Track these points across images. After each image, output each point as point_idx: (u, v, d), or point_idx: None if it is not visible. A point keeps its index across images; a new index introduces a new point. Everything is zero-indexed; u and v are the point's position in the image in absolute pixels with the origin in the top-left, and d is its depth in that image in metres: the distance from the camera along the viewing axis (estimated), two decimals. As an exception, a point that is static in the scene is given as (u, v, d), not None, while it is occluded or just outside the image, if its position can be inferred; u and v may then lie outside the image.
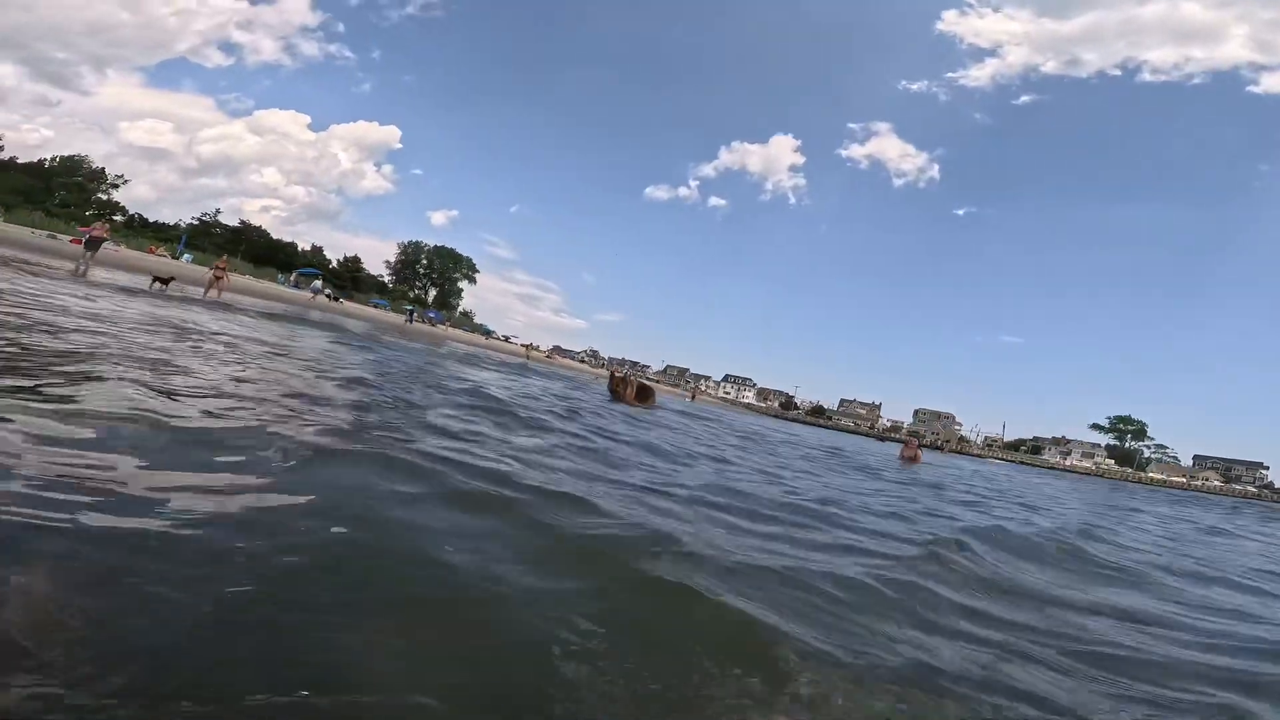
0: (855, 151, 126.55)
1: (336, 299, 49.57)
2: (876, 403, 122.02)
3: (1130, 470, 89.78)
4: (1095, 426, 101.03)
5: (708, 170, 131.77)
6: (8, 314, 5.72)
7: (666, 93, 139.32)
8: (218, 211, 70.72)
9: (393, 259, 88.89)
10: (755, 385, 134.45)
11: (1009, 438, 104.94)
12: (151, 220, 64.21)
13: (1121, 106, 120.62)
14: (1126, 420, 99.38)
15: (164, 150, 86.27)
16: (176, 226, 63.95)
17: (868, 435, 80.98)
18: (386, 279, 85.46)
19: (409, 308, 61.02)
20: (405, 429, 4.50)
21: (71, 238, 31.21)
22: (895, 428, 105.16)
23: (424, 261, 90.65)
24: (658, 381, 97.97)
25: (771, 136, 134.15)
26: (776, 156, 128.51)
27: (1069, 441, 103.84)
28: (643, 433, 8.98)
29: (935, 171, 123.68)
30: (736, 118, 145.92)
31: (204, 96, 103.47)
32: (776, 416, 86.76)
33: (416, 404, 6.17)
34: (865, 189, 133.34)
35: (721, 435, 13.38)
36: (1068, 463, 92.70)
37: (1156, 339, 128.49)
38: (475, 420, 5.95)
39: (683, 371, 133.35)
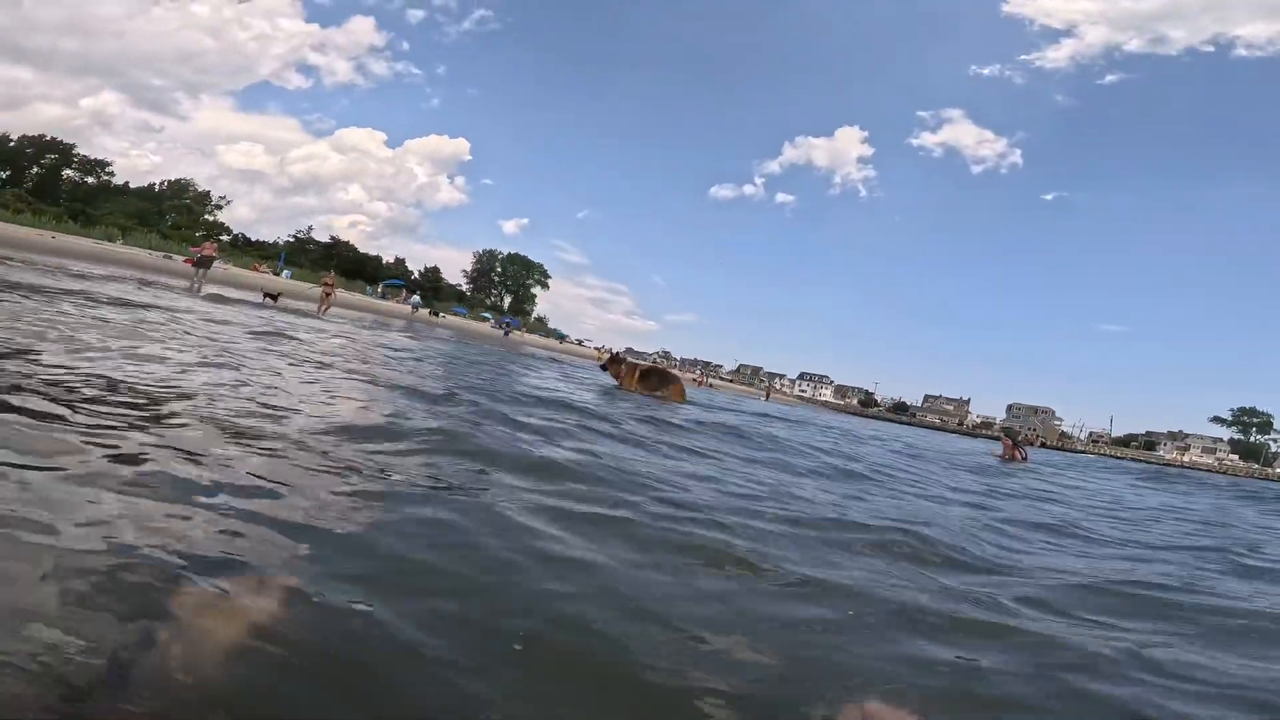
0: (927, 140, 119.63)
1: (436, 314, 50.79)
2: (964, 398, 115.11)
3: (1256, 466, 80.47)
4: (1216, 419, 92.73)
5: (773, 166, 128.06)
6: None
7: (727, 91, 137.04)
8: (310, 228, 75.33)
9: (469, 268, 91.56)
10: (832, 382, 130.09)
11: (1117, 433, 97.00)
12: (253, 239, 68.61)
13: (1218, 83, 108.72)
14: (1251, 412, 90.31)
15: (259, 172, 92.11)
16: (275, 244, 68.05)
17: (955, 432, 76.05)
18: (464, 288, 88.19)
19: (506, 320, 61.94)
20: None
21: (184, 258, 33.14)
22: (986, 424, 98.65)
23: (498, 269, 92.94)
24: (731, 381, 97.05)
25: (837, 129, 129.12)
26: (843, 149, 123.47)
27: (1186, 436, 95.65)
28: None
29: (1017, 156, 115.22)
30: (799, 112, 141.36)
31: (289, 118, 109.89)
32: (855, 414, 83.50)
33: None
34: (941, 177, 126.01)
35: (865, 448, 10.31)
36: (1186, 459, 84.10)
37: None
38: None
39: (756, 370, 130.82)
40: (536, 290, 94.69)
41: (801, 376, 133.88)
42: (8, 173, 58.69)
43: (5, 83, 78.10)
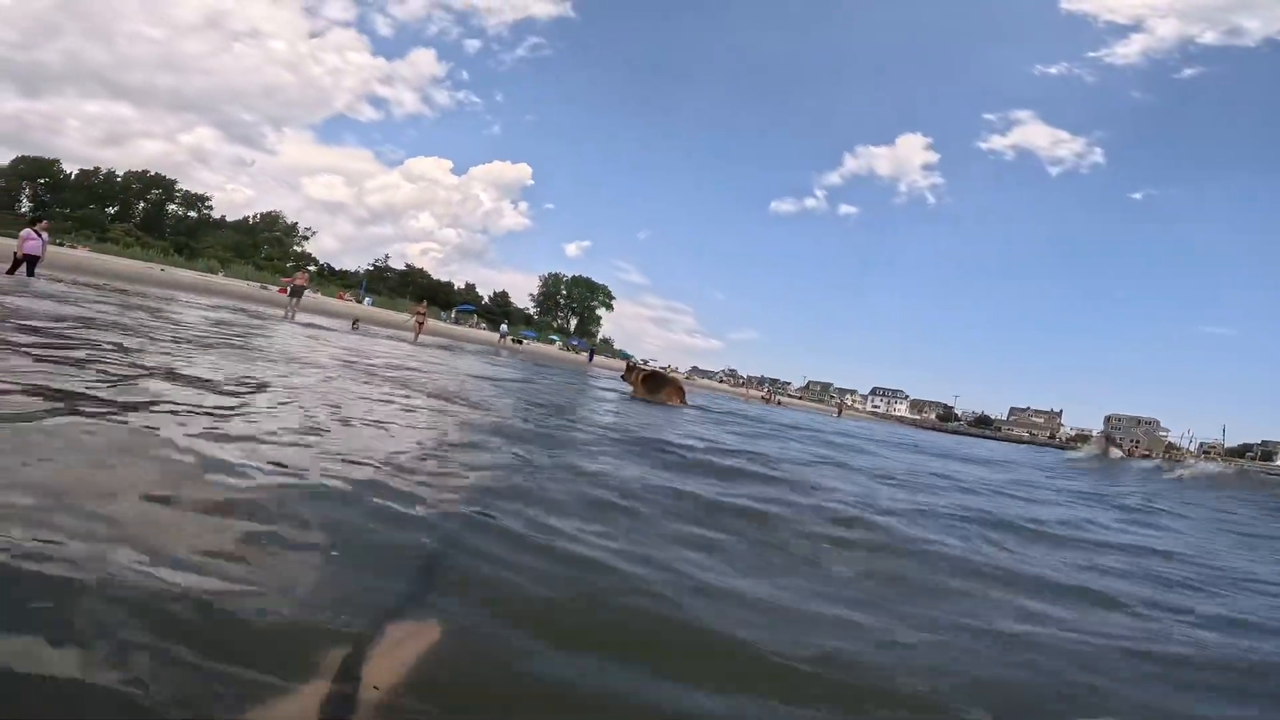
0: (997, 143, 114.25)
1: (519, 341, 51.65)
2: (1055, 410, 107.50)
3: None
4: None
5: (833, 178, 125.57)
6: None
7: (784, 104, 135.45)
8: (386, 257, 78.73)
9: (535, 291, 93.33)
10: (907, 397, 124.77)
11: (1230, 443, 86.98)
12: (337, 268, 72.31)
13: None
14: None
15: (340, 203, 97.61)
16: (356, 273, 71.43)
17: (1047, 445, 70.48)
18: (532, 311, 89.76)
19: (573, 341, 62.25)
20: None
21: (279, 287, 35.01)
22: (1081, 436, 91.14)
23: (563, 292, 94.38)
24: (799, 398, 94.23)
25: (898, 137, 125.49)
26: (906, 157, 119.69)
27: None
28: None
29: (1098, 155, 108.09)
30: (858, 122, 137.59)
31: (364, 149, 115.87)
32: (933, 429, 79.49)
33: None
34: (1015, 181, 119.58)
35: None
36: (1311, 467, 74.53)
37: None
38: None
39: (825, 386, 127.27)
40: (601, 312, 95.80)
41: (874, 392, 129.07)
42: (116, 208, 63.66)
43: (109, 120, 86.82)
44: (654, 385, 12.91)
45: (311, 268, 63.70)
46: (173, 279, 28.18)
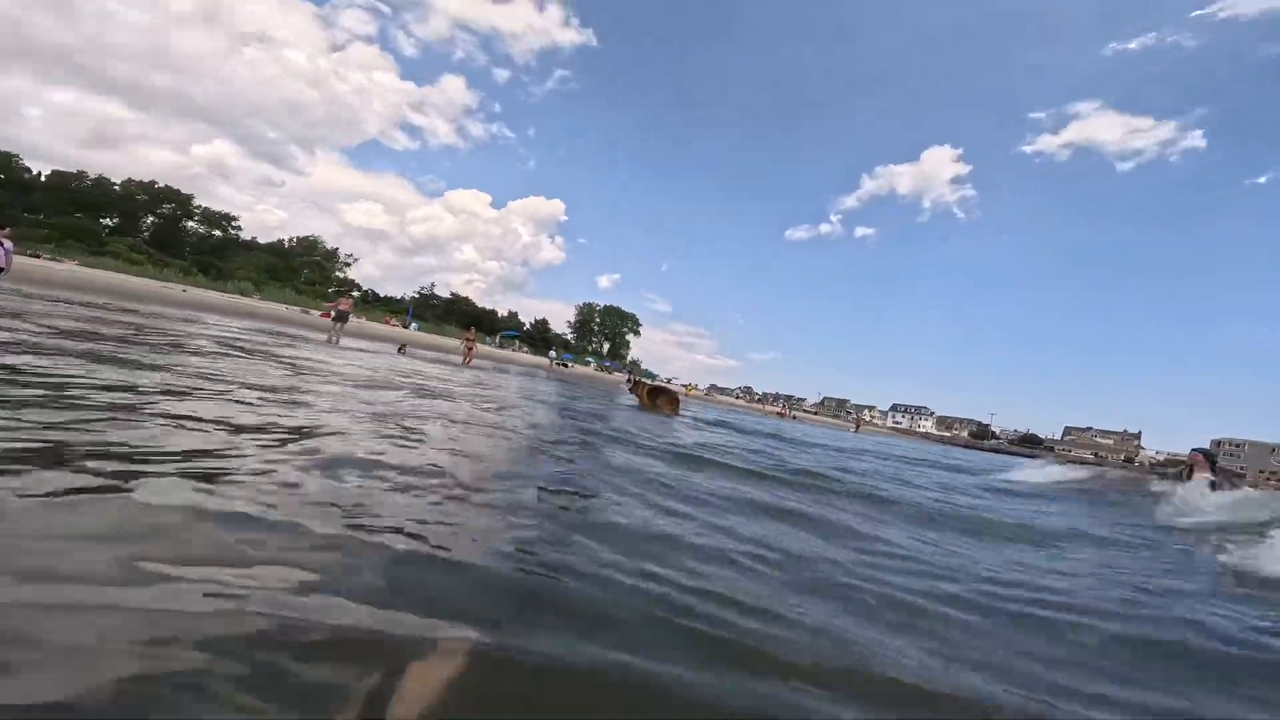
0: (1046, 144, 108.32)
1: (566, 365, 49.47)
2: (1130, 430, 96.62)
3: None
4: None
5: (849, 202, 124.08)
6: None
7: (800, 130, 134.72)
8: (432, 285, 78.94)
9: (572, 319, 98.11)
10: (933, 413, 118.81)
11: None
12: (380, 295, 70.64)
13: None
14: None
15: (382, 231, 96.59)
16: (401, 299, 69.61)
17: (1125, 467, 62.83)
18: (569, 336, 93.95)
19: (606, 363, 60.96)
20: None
21: (320, 312, 32.51)
22: (1172, 461, 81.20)
23: (597, 320, 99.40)
24: (814, 413, 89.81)
25: (923, 152, 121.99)
26: (932, 172, 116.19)
27: None
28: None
29: (1196, 139, 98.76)
30: (878, 141, 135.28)
31: (401, 178, 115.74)
32: (967, 446, 73.88)
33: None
34: (1067, 184, 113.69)
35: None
36: None
37: None
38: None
39: (842, 403, 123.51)
40: (630, 338, 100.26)
41: (895, 408, 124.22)
42: (116, 220, 56.10)
43: (96, 117, 78.87)
44: (655, 396, 14.55)
45: (355, 294, 62.10)
46: (198, 300, 24.97)
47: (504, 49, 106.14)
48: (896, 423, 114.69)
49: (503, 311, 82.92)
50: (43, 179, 55.34)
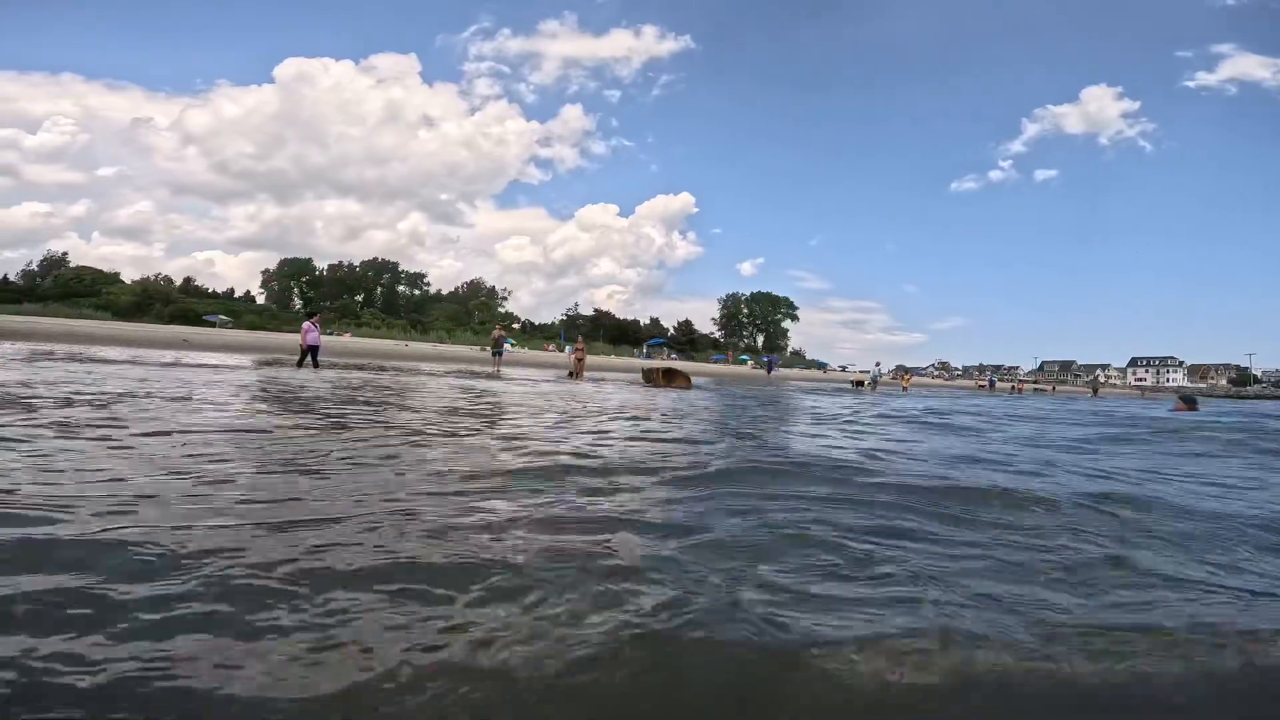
0: (1206, 80, 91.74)
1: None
2: None
3: None
4: None
5: (1016, 146, 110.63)
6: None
7: (939, 84, 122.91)
8: (575, 305, 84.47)
9: (716, 315, 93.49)
10: (1182, 363, 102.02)
11: None
12: (536, 323, 79.11)
13: None
14: None
15: (531, 262, 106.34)
16: (552, 324, 77.38)
17: None
18: (716, 334, 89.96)
19: (765, 358, 62.00)
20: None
21: (482, 347, 38.80)
22: None
23: (744, 310, 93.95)
24: (1035, 381, 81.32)
25: (1080, 91, 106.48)
26: (1097, 111, 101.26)
27: None
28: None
29: None
30: (1027, 87, 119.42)
31: (538, 207, 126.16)
32: (1231, 397, 64.51)
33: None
34: (1250, 115, 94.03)
35: None
36: None
37: None
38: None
39: (1067, 365, 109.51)
40: (787, 324, 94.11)
41: (1134, 363, 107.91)
42: (361, 295, 75.97)
43: (344, 216, 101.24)
44: (670, 377, 16.71)
45: (515, 325, 70.41)
46: (416, 352, 32.51)
47: (611, 73, 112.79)
48: (1139, 380, 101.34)
49: (644, 320, 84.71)
50: (322, 273, 76.99)
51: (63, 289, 53.84)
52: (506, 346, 24.71)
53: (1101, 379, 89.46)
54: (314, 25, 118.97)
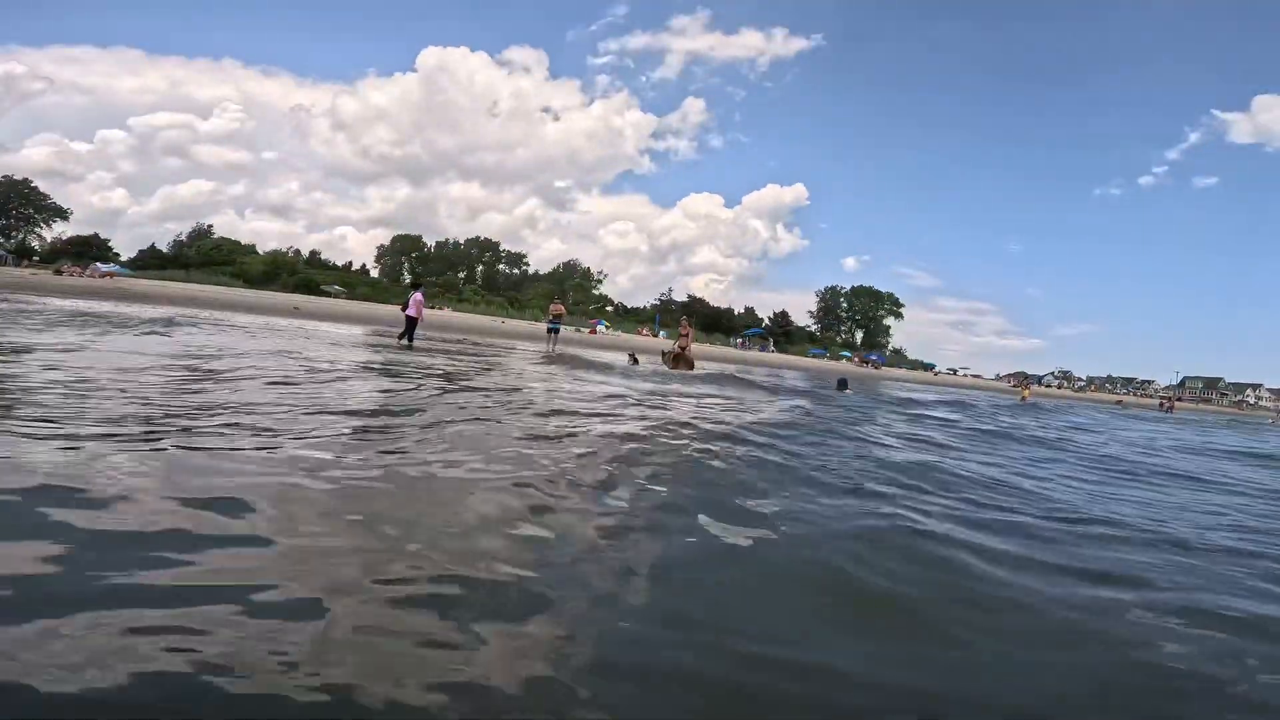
0: None
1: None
2: None
3: None
4: None
5: (1172, 155, 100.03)
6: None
7: (1080, 88, 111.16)
8: (670, 290, 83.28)
9: (814, 308, 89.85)
10: None
11: None
12: (630, 306, 78.70)
13: None
14: None
15: (633, 248, 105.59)
16: (645, 309, 76.65)
17: None
18: (812, 328, 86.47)
19: (870, 356, 59.08)
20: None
21: (588, 329, 38.40)
22: None
23: (844, 305, 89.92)
24: (1179, 399, 71.91)
25: (1252, 99, 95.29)
26: (1271, 121, 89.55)
27: None
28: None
29: None
30: (1189, 93, 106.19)
31: (643, 194, 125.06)
32: None
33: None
34: None
35: None
36: None
37: None
38: None
39: (1212, 381, 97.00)
40: (889, 321, 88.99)
41: None
42: (464, 272, 78.92)
43: (467, 199, 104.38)
44: (677, 362, 17.22)
45: (609, 308, 70.29)
46: (511, 329, 32.80)
47: (736, 72, 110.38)
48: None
49: (739, 309, 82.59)
50: (430, 250, 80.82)
51: (204, 258, 58.90)
52: (600, 328, 24.08)
53: (1251, 399, 78.07)
54: (459, 19, 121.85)
